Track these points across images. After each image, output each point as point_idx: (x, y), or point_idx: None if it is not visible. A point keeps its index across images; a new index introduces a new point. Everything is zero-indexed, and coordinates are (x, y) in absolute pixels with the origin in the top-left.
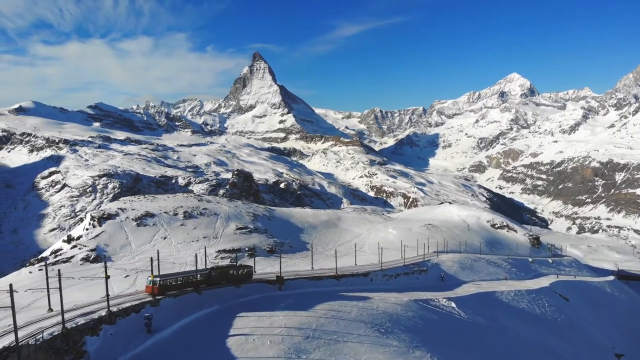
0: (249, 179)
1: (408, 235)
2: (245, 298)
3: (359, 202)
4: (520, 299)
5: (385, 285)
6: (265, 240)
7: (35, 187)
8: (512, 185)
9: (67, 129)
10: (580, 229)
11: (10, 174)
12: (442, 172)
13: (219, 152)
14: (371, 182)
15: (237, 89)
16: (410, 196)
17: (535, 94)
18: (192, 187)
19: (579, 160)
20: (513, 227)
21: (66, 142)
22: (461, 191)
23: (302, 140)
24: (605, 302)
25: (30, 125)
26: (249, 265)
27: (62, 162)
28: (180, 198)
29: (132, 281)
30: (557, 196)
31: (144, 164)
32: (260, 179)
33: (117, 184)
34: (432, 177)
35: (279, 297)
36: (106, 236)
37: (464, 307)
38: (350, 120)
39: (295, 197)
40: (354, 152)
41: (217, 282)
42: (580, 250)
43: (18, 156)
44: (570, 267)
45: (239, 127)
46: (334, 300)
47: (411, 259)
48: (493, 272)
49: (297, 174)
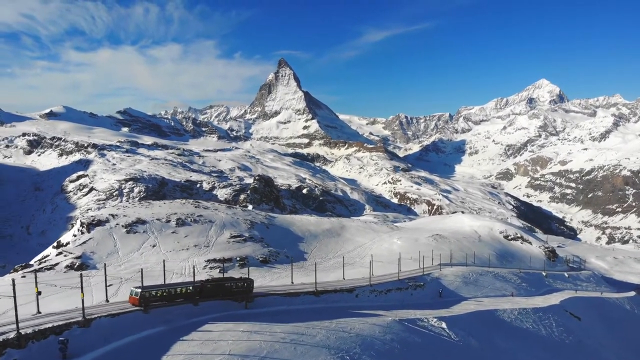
0: (269, 184)
1: (413, 246)
2: (201, 317)
3: (382, 208)
4: (524, 318)
5: (373, 302)
6: (260, 250)
7: (64, 190)
8: (540, 193)
9: (96, 133)
10: (610, 239)
11: (40, 177)
12: (469, 179)
13: (244, 157)
14: (395, 189)
15: (263, 95)
16: (434, 203)
17: (564, 100)
18: (216, 191)
19: (609, 168)
20: (527, 239)
21: (95, 146)
22: (487, 199)
23: (325, 146)
24: (623, 320)
25: (61, 129)
26: (249, 278)
27: (90, 166)
28: (176, 204)
29: (115, 291)
30: (587, 205)
31: (170, 168)
32: (283, 184)
33: (142, 188)
34: (457, 184)
35: (241, 317)
36: (94, 243)
37: (456, 327)
38: (374, 126)
39: (317, 203)
40: (377, 158)
41: (211, 295)
42: (606, 262)
43: (48, 160)
44: (588, 282)
45: (263, 132)
46: (302, 321)
47: (409, 273)
48: (500, 287)
49: (320, 179)
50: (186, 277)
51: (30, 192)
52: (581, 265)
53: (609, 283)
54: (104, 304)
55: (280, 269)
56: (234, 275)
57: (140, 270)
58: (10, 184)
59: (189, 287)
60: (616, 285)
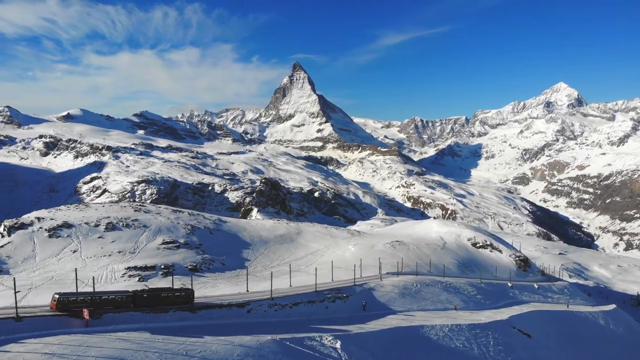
0: (276, 187)
1: (368, 253)
2: (24, 334)
3: (395, 212)
4: (455, 335)
5: (270, 318)
6: (192, 257)
7: (78, 191)
8: (557, 198)
9: (112, 136)
10: (628, 245)
11: (55, 179)
12: (484, 184)
13: (256, 160)
14: (408, 193)
15: (277, 98)
16: (448, 208)
17: (582, 104)
18: (228, 194)
19: (627, 173)
20: (497, 247)
21: (109, 148)
22: (503, 204)
23: (339, 149)
24: (591, 338)
25: (77, 132)
26: (188, 289)
27: (104, 168)
28: (115, 208)
29: (20, 298)
30: (604, 211)
31: (183, 171)
32: (295, 187)
33: (155, 190)
34: (472, 188)
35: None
36: (12, 247)
37: (356, 346)
38: (389, 130)
39: (329, 207)
40: (391, 161)
41: (146, 305)
42: (608, 271)
43: (64, 162)
44: (561, 294)
45: (277, 135)
46: (141, 343)
47: (339, 283)
48: (445, 299)
49: (332, 182)
50: (101, 285)
51: (45, 193)
52: (582, 273)
53: (603, 294)
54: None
55: (210, 277)
56: (159, 285)
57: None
58: (26, 186)
59: (118, 295)
60: (611, 297)
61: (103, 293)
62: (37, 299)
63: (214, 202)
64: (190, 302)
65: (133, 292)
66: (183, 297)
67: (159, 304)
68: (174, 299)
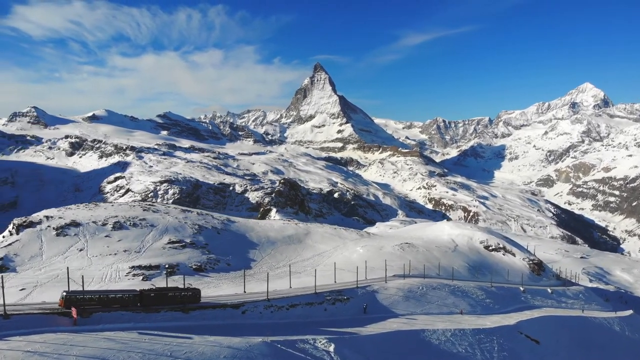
0: (295, 188)
1: (376, 255)
2: (10, 332)
3: (416, 214)
4: (458, 340)
5: (265, 319)
6: (197, 257)
7: (101, 191)
8: (582, 201)
9: (136, 136)
10: None
11: (80, 179)
12: (508, 186)
13: (277, 160)
14: (429, 194)
15: (298, 99)
16: (470, 210)
17: (609, 105)
18: (248, 194)
19: None
20: (511, 250)
21: (133, 149)
22: (526, 206)
23: (359, 150)
24: (605, 345)
25: (102, 132)
26: (195, 288)
27: (127, 168)
28: (124, 207)
29: (24, 296)
30: (631, 214)
31: (205, 171)
32: (315, 188)
33: (177, 189)
34: (495, 190)
35: (70, 332)
36: (20, 245)
37: (351, 350)
38: (411, 130)
39: (348, 207)
40: (412, 162)
41: (153, 304)
42: (632, 275)
43: (88, 162)
44: (576, 299)
45: (298, 136)
46: (126, 343)
47: (342, 285)
48: (451, 303)
49: (352, 183)
50: (105, 284)
51: (71, 192)
52: (603, 277)
53: (623, 299)
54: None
55: (214, 277)
56: (161, 284)
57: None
58: (52, 185)
59: (125, 294)
60: (631, 302)
61: (110, 292)
62: (42, 296)
63: (235, 202)
64: (197, 302)
65: (140, 291)
66: (190, 297)
67: (166, 304)
68: (181, 298)
